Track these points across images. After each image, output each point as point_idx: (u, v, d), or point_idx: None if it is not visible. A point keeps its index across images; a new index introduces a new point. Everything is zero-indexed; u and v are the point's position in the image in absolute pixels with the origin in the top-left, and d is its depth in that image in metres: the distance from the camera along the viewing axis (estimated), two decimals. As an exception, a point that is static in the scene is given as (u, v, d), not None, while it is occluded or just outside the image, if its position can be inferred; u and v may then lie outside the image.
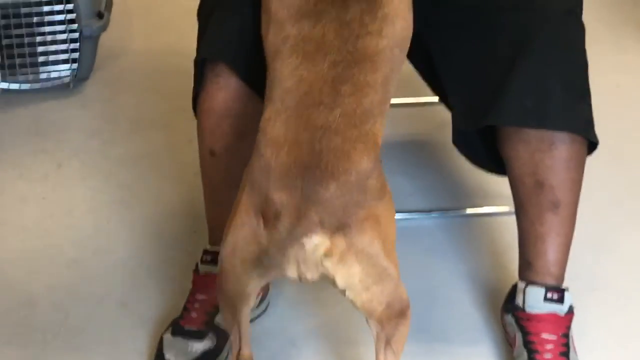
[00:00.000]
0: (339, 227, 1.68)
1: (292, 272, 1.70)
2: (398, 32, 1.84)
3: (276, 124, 1.74)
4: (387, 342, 1.81)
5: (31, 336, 2.22)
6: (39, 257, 2.44)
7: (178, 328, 2.15)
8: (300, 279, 1.71)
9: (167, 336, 2.14)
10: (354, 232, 1.70)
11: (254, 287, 1.80)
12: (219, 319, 2.14)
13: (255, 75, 1.91)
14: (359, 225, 1.71)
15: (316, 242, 1.66)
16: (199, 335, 2.13)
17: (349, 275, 1.71)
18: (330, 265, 1.68)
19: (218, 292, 1.87)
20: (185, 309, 2.18)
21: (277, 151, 1.70)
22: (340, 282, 1.70)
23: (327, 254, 1.68)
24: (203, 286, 2.18)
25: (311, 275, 1.70)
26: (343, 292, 1.72)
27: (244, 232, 1.74)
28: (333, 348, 2.20)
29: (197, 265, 2.22)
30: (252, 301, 1.85)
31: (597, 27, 2.12)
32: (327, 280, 1.70)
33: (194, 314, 2.16)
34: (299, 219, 1.65)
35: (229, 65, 2.00)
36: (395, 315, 1.78)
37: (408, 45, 1.91)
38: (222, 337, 2.13)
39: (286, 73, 1.78)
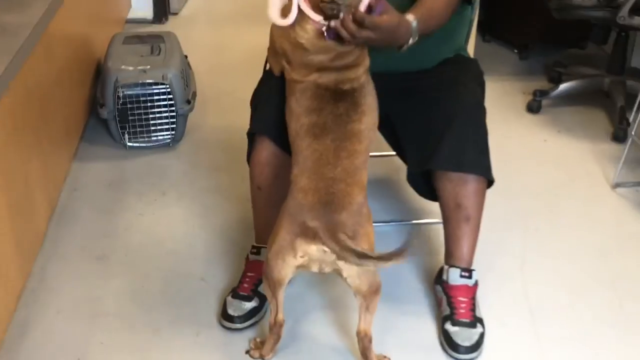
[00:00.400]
0: (351, 238, 1.72)
1: (315, 269, 1.78)
2: (371, 120, 1.88)
3: (302, 178, 1.79)
4: (367, 308, 1.86)
5: (148, 297, 2.23)
6: (151, 249, 2.44)
7: (235, 293, 2.14)
8: (320, 272, 1.79)
9: (229, 298, 2.13)
10: (358, 241, 1.74)
11: (288, 277, 1.84)
12: (260, 289, 2.12)
13: (284, 142, 1.91)
14: (360, 237, 1.75)
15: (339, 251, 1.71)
16: (248, 298, 2.12)
17: (350, 269, 1.76)
18: (341, 264, 1.74)
19: (264, 279, 1.90)
20: (240, 281, 2.18)
21: (305, 195, 1.76)
22: (345, 274, 1.77)
23: (341, 258, 1.72)
24: (251, 268, 2.18)
25: (328, 270, 1.77)
26: (344, 279, 1.79)
27: (285, 244, 1.78)
28: (334, 311, 2.19)
29: (248, 255, 2.22)
30: (285, 285, 1.86)
31: (492, 110, 2.12)
32: (335, 272, 1.77)
33: (245, 285, 2.16)
34: (334, 235, 1.69)
35: (269, 137, 2.00)
36: (373, 292, 1.83)
37: (377, 126, 1.92)
38: (262, 299, 2.12)
39: (304, 146, 1.82)
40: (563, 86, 3.31)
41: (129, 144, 2.96)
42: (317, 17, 1.75)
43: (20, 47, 1.88)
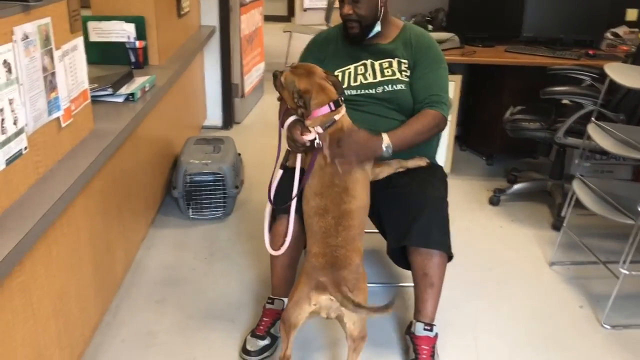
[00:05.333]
0: (351, 291, 1.69)
1: (324, 314, 1.75)
2: (360, 202, 1.86)
3: (314, 246, 1.78)
4: (354, 349, 1.80)
5: (190, 333, 2.19)
6: (197, 296, 2.41)
7: (254, 333, 2.10)
8: (327, 317, 1.75)
9: (248, 337, 2.10)
10: (356, 294, 1.71)
11: (302, 322, 1.78)
12: (273, 330, 2.09)
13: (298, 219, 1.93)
14: (358, 291, 1.72)
15: (341, 299, 1.68)
16: (263, 337, 2.08)
17: (350, 317, 1.73)
18: (343, 311, 1.71)
19: (282, 322, 1.83)
20: (258, 324, 2.13)
21: (317, 258, 1.75)
22: (345, 319, 1.74)
23: (343, 305, 1.69)
24: (267, 314, 2.14)
25: (333, 315, 1.74)
26: (344, 324, 1.75)
27: (303, 295, 1.75)
28: (329, 351, 2.13)
29: (265, 304, 2.17)
30: (298, 328, 1.80)
31: (462, 202, 2.09)
32: (338, 318, 1.74)
33: (261, 327, 2.11)
34: (338, 286, 1.68)
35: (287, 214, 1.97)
36: (361, 337, 1.79)
37: (368, 208, 1.89)
38: (274, 339, 2.09)
39: (313, 223, 1.82)
40: (516, 186, 3.25)
41: (192, 216, 2.98)
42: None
43: (107, 146, 1.92)
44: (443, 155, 3.51)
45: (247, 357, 2.03)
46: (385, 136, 1.90)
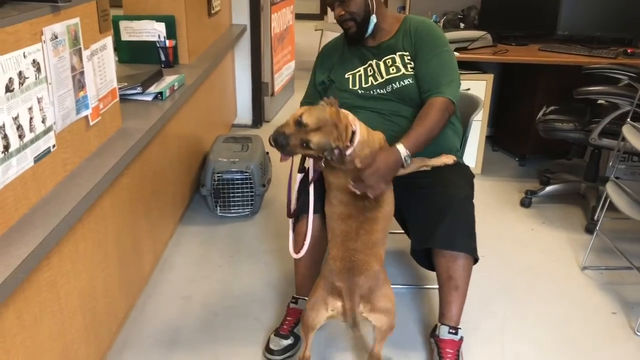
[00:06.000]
0: (368, 298, 1.72)
1: (342, 319, 1.77)
2: (386, 211, 1.85)
3: (333, 249, 1.79)
4: (382, 338, 1.85)
5: (214, 330, 2.21)
6: (222, 293, 2.43)
7: (277, 332, 2.11)
8: (346, 321, 1.78)
9: (272, 336, 2.10)
10: (376, 300, 1.73)
11: (319, 325, 1.81)
12: (296, 330, 2.09)
13: (320, 218, 1.93)
14: (379, 297, 1.74)
15: (360, 304, 1.72)
16: (286, 337, 2.09)
17: (376, 317, 1.76)
18: (367, 314, 1.74)
19: (301, 323, 1.88)
20: (281, 323, 2.14)
21: (334, 261, 1.76)
22: (372, 320, 1.77)
23: (364, 310, 1.73)
24: (290, 314, 2.15)
25: (358, 320, 1.75)
26: (371, 320, 1.78)
27: (319, 298, 1.77)
28: (354, 350, 2.12)
29: (289, 303, 2.18)
30: (316, 330, 1.83)
31: (493, 203, 2.05)
32: (365, 320, 1.77)
33: (285, 326, 2.12)
34: (351, 294, 1.71)
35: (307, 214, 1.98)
36: (388, 329, 1.81)
37: (392, 215, 1.90)
38: (297, 338, 2.09)
39: (335, 226, 1.82)
40: (549, 188, 3.18)
41: (219, 213, 3.01)
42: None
43: (135, 144, 1.95)
44: (474, 155, 3.46)
45: (270, 356, 2.03)
46: (400, 147, 1.84)
